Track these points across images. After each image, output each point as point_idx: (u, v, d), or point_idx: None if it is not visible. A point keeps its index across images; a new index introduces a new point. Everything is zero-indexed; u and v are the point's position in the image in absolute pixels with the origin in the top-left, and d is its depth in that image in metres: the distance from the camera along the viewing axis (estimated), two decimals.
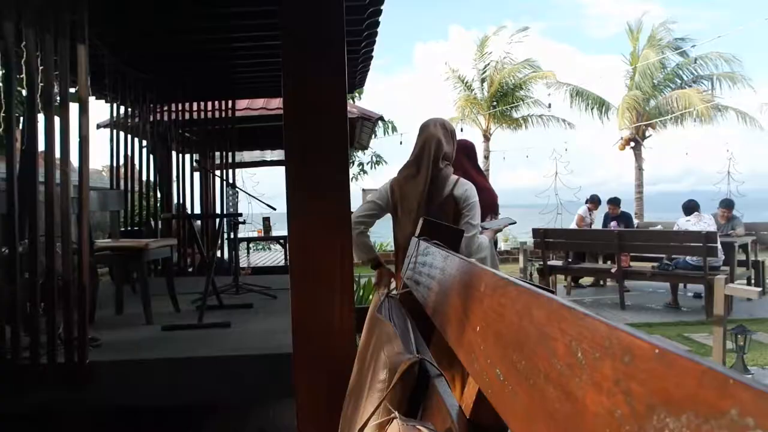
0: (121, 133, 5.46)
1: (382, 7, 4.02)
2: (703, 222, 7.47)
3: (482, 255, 2.89)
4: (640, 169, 16.50)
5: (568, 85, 16.93)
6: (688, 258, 7.26)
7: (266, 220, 8.40)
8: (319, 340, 1.67)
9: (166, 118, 6.20)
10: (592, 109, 16.96)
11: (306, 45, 1.67)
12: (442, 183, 2.83)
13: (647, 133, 16.45)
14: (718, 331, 4.68)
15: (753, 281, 7.99)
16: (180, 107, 6.30)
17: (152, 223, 6.07)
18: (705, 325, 6.16)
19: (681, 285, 8.12)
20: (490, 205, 3.53)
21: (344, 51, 1.68)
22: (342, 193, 1.62)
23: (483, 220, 3.08)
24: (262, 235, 8.58)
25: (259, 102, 7.11)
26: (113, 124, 5.40)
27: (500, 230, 3.75)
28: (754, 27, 11.91)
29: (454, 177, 2.89)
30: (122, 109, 5.43)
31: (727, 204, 8.23)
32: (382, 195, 2.94)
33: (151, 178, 6.00)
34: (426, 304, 1.09)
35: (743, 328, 4.67)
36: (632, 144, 16.40)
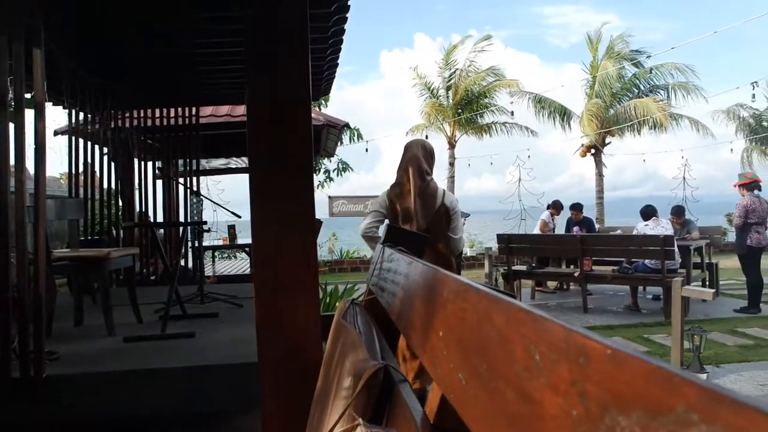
0: (81, 140, 5.32)
1: (347, 15, 4.03)
2: (661, 226, 7.70)
3: (460, 249, 3.57)
4: (600, 176, 16.91)
5: (530, 93, 17.27)
6: (646, 261, 7.46)
7: (231, 228, 8.30)
8: (284, 349, 1.65)
9: (127, 124, 6.08)
10: (554, 116, 17.32)
11: (269, 53, 1.67)
12: (432, 194, 3.31)
13: (607, 141, 16.88)
14: (676, 332, 4.82)
15: (708, 283, 8.26)
16: (142, 113, 6.18)
17: (114, 231, 5.93)
18: (663, 326, 6.34)
19: (640, 287, 8.34)
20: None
21: (308, 59, 1.68)
22: (306, 201, 1.62)
23: None
24: (227, 243, 8.48)
25: (224, 109, 7.03)
26: (72, 130, 5.26)
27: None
28: (706, 39, 12.45)
29: (441, 189, 3.40)
30: (81, 115, 5.30)
31: (677, 211, 8.52)
32: (382, 205, 3.42)
33: (112, 186, 5.86)
34: (391, 311, 1.10)
35: (699, 329, 4.82)
36: (593, 151, 16.80)
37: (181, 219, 6.15)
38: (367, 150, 15.49)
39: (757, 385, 4.50)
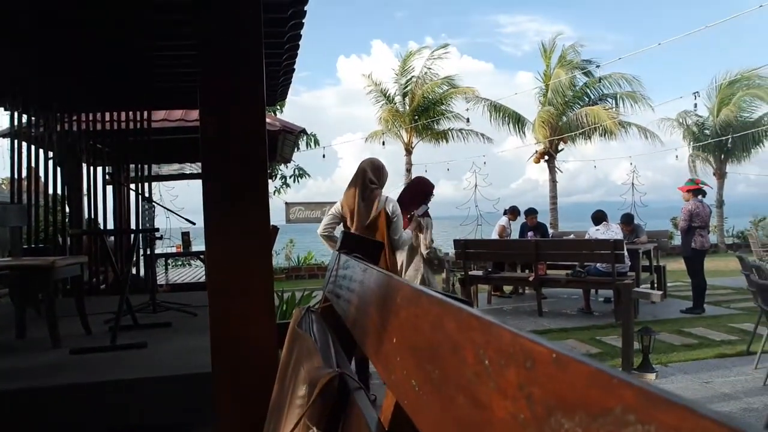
0: (24, 144, 5.11)
1: (303, 21, 4.01)
2: (611, 231, 7.95)
3: (408, 244, 4.37)
4: (553, 182, 17.33)
5: (486, 100, 17.57)
6: (598, 265, 7.68)
7: (185, 235, 8.13)
8: (239, 358, 1.62)
9: (75, 128, 5.87)
10: (508, 123, 17.67)
11: (223, 57, 1.64)
12: (372, 200, 4.02)
13: (560, 147, 17.32)
14: (626, 333, 4.98)
15: (656, 285, 8.56)
16: (91, 117, 5.99)
17: (60, 239, 5.71)
18: (615, 328, 6.53)
19: (593, 290, 8.58)
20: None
21: (262, 64, 1.67)
22: (261, 207, 1.59)
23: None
24: (181, 250, 8.29)
25: (178, 113, 6.89)
26: (14, 133, 5.05)
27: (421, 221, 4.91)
28: (652, 51, 13.04)
29: (384, 196, 4.07)
30: (25, 118, 5.10)
31: (625, 220, 8.82)
32: (336, 209, 4.21)
33: (58, 192, 5.65)
34: (346, 318, 1.09)
35: (648, 330, 4.99)
36: (546, 157, 17.21)
37: (133, 226, 5.98)
38: (324, 156, 15.46)
39: (702, 383, 4.68)
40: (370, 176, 4.10)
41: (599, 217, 8.30)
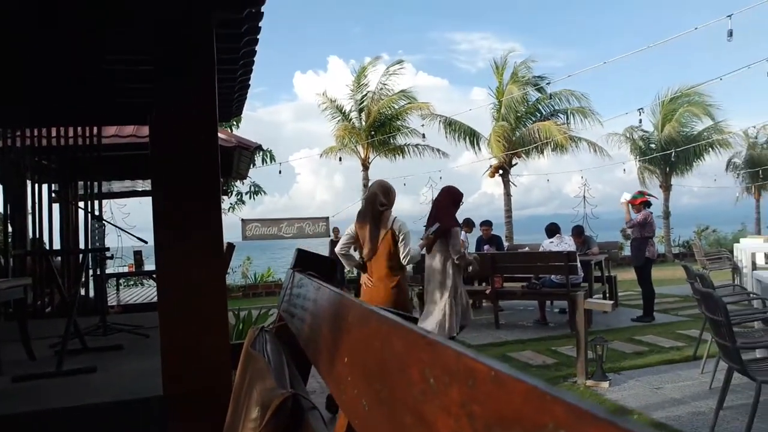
0: None
1: (258, 37, 3.99)
2: (564, 243, 8.15)
3: (417, 260, 4.63)
4: (508, 195, 17.68)
5: (441, 116, 17.84)
6: (552, 276, 7.85)
7: (137, 254, 7.91)
8: (192, 380, 1.58)
9: (18, 143, 5.66)
10: (464, 138, 17.97)
11: (174, 73, 1.62)
12: (384, 221, 4.37)
13: (514, 162, 17.71)
14: (580, 343, 5.09)
15: (608, 295, 8.79)
16: (36, 132, 5.78)
17: (2, 260, 5.47)
18: (570, 338, 6.66)
19: (548, 302, 8.75)
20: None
21: (214, 79, 1.65)
22: (213, 225, 1.57)
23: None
24: (133, 270, 8.06)
25: (129, 129, 6.72)
26: None
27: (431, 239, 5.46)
28: (600, 68, 13.59)
29: (393, 216, 4.41)
30: None
31: (576, 232, 9.07)
32: (351, 230, 4.57)
33: (0, 211, 5.42)
34: (300, 336, 1.08)
35: (601, 339, 5.12)
36: (501, 172, 17.56)
37: (82, 246, 5.78)
38: (280, 172, 15.34)
39: (652, 389, 4.82)
40: (381, 199, 4.42)
41: (553, 230, 8.50)
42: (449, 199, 5.51)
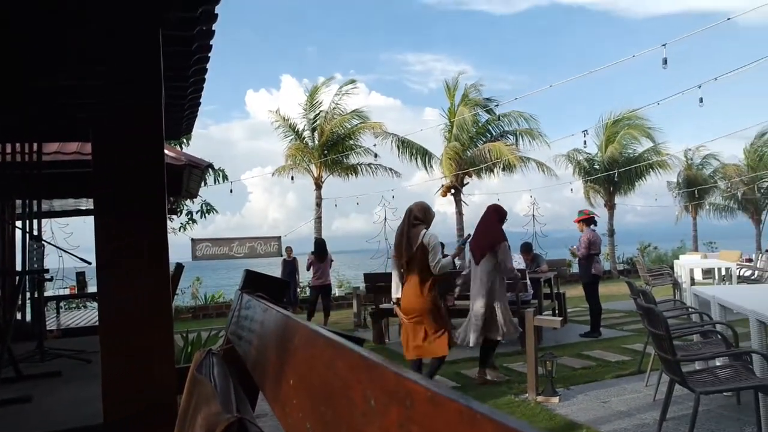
0: None
1: (209, 54, 3.95)
2: (514, 261, 8.29)
3: (447, 269, 5.01)
4: (460, 214, 17.93)
5: (394, 135, 18.01)
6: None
7: (80, 276, 7.61)
8: (134, 406, 1.53)
9: None
10: (416, 158, 18.18)
11: (119, 89, 1.59)
12: (415, 235, 4.91)
13: (465, 181, 18.00)
14: (530, 359, 5.17)
15: (557, 311, 9.00)
16: None
17: None
18: (521, 355, 6.76)
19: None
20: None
21: (160, 96, 1.62)
22: (158, 245, 1.53)
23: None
24: (75, 292, 7.73)
25: (73, 146, 6.48)
26: None
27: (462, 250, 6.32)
28: (548, 90, 14.05)
29: (423, 232, 4.91)
30: None
31: (524, 249, 9.29)
32: (393, 246, 5.24)
33: None
34: (247, 359, 1.06)
35: (551, 355, 5.22)
36: (453, 191, 17.81)
37: (18, 267, 5.51)
38: (231, 191, 15.10)
39: (600, 402, 4.94)
40: (415, 214, 5.02)
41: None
42: (495, 216, 6.02)
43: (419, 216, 5.02)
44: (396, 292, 5.17)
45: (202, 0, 3.00)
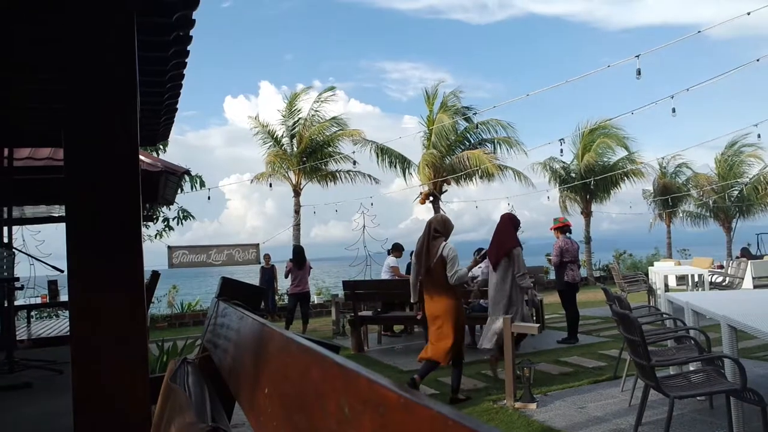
0: None
1: (186, 60, 3.92)
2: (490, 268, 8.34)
3: (463, 279, 5.33)
4: None
5: (373, 142, 18.03)
6: (481, 301, 8.01)
7: (52, 284, 7.45)
8: (107, 418, 1.49)
9: None
10: (395, 165, 18.22)
11: (92, 94, 1.56)
12: (435, 247, 5.27)
13: (444, 188, 18.09)
14: (508, 366, 5.20)
15: (534, 318, 9.06)
16: None
17: None
18: (500, 361, 6.79)
19: (477, 326, 8.91)
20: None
21: (136, 102, 1.60)
22: (133, 252, 1.50)
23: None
24: (47, 301, 7.56)
25: (45, 151, 6.37)
26: None
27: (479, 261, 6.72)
28: (525, 100, 14.20)
29: (443, 243, 5.27)
30: None
31: None
32: (413, 258, 5.59)
33: None
34: (223, 368, 1.05)
35: (528, 362, 5.25)
36: (431, 198, 17.88)
37: None
38: (209, 198, 14.94)
39: (577, 408, 4.98)
40: (435, 227, 5.39)
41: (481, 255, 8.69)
42: (510, 224, 6.39)
43: (439, 228, 5.40)
44: (413, 297, 5.71)
45: (178, 5, 2.99)
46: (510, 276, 6.11)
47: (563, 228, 8.54)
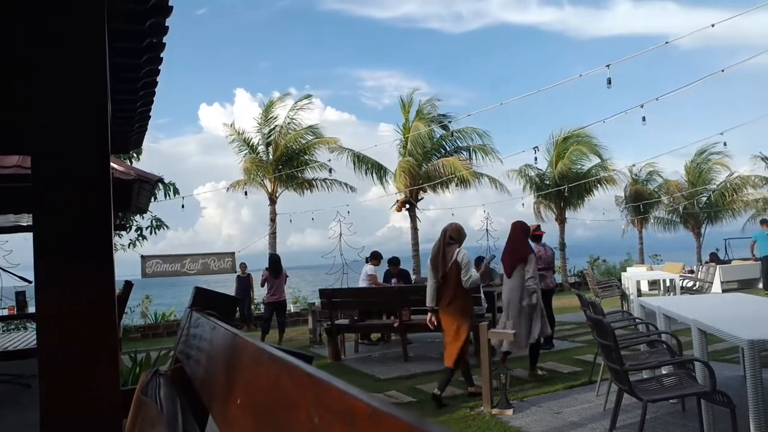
0: None
1: (159, 67, 3.88)
2: None
3: (477, 284, 5.80)
4: (415, 229, 18.03)
5: (349, 150, 18.02)
6: None
7: (20, 295, 7.25)
8: None
9: None
10: (371, 173, 18.23)
11: (62, 100, 1.53)
12: (449, 253, 5.62)
13: (420, 196, 18.15)
14: (485, 373, 5.22)
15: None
16: None
17: None
18: (476, 368, 6.82)
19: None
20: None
21: (107, 109, 1.58)
22: (103, 263, 1.48)
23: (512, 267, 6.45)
24: (15, 313, 7.37)
25: (13, 159, 6.21)
26: None
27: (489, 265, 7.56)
28: (499, 108, 14.39)
29: (457, 249, 5.63)
30: None
31: (475, 262, 9.41)
32: (429, 262, 5.87)
33: None
34: (196, 379, 1.03)
35: (504, 368, 5.28)
36: (408, 206, 17.93)
37: None
38: (183, 206, 14.74)
39: (553, 414, 5.02)
40: (450, 234, 5.73)
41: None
42: (522, 233, 6.68)
43: (454, 236, 5.76)
44: (430, 301, 5.86)
45: (151, 12, 2.96)
46: (523, 283, 6.36)
47: (535, 237, 8.66)
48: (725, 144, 16.23)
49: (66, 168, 1.51)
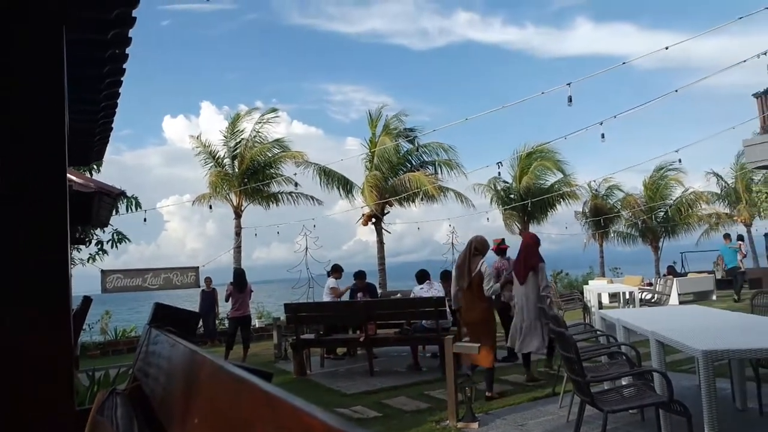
0: None
1: (122, 78, 3.82)
2: (434, 289, 8.45)
3: (497, 292, 6.73)
4: (381, 243, 18.04)
5: (316, 164, 17.98)
6: (423, 322, 8.06)
7: None
8: None
9: None
10: (338, 187, 18.20)
11: (13, 106, 1.49)
12: (474, 264, 6.22)
13: (386, 210, 18.20)
14: (450, 386, 5.24)
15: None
16: None
17: None
18: (442, 382, 6.83)
19: (420, 347, 8.95)
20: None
21: (63, 117, 1.55)
22: (58, 278, 1.43)
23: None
24: None
25: None
26: None
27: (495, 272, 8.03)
28: (463, 124, 14.56)
29: (481, 261, 6.24)
30: None
31: (443, 276, 9.49)
32: (455, 271, 6.58)
33: None
34: (154, 398, 1.01)
35: (470, 381, 5.31)
36: (374, 220, 17.93)
37: None
38: (145, 220, 14.41)
39: (517, 426, 5.06)
40: (475, 245, 6.36)
41: (423, 276, 8.80)
42: (533, 244, 7.01)
43: (479, 248, 6.37)
44: (455, 304, 6.59)
45: (114, 22, 2.91)
46: (537, 288, 6.73)
47: (500, 250, 8.79)
48: (680, 161, 16.78)
49: (19, 180, 1.47)
